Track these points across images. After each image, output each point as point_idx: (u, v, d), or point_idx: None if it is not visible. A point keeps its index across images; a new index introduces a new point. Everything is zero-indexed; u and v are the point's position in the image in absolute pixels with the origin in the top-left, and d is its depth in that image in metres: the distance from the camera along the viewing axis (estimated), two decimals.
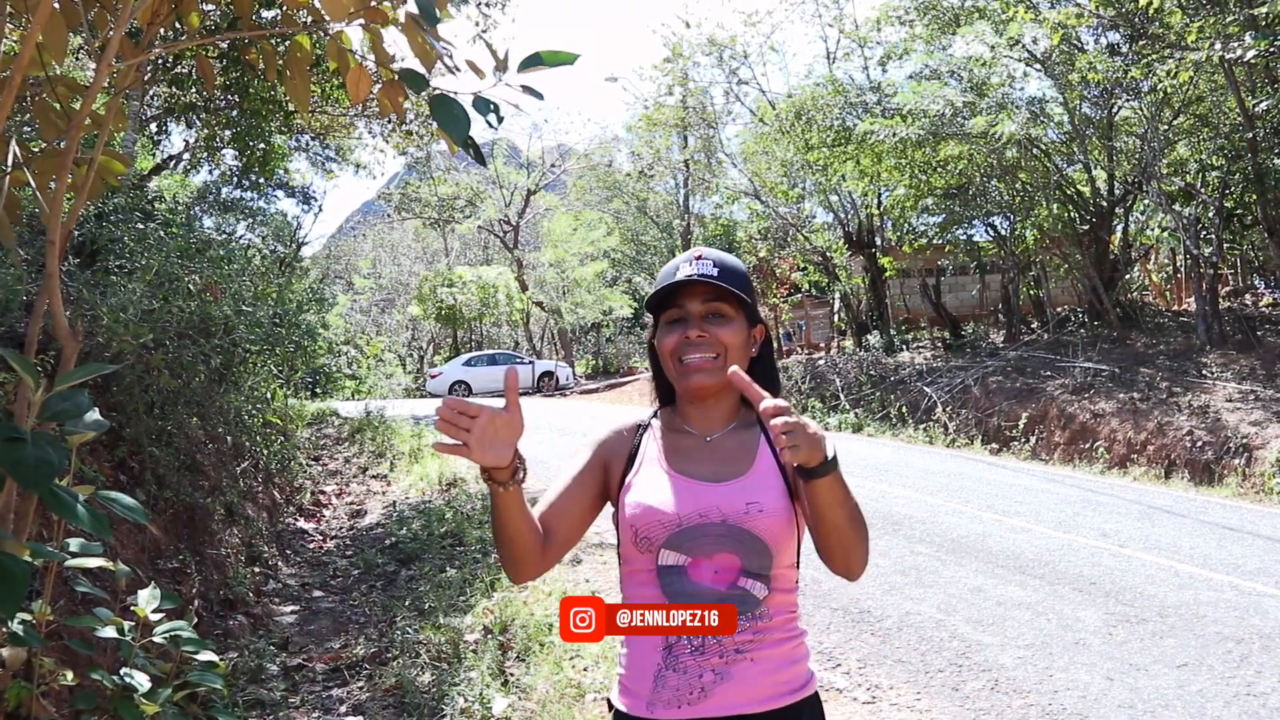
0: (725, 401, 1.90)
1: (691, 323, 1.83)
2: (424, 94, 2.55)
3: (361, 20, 2.65)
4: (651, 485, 1.81)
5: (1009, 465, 12.60)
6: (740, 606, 1.72)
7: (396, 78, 2.73)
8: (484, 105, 2.53)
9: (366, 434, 13.17)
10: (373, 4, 2.54)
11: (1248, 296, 18.94)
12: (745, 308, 1.85)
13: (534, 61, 2.45)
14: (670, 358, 1.84)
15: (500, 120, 2.55)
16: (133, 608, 2.83)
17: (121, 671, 2.71)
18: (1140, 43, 14.00)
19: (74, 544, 2.61)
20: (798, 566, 1.85)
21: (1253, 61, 11.42)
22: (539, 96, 2.59)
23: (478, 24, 14.28)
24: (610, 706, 1.84)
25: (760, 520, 1.74)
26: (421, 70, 2.62)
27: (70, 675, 2.74)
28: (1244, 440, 10.86)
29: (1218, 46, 11.04)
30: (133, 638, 2.77)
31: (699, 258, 1.86)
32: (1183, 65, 11.73)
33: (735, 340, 1.83)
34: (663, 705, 1.72)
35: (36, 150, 2.79)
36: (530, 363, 31.10)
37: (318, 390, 18.60)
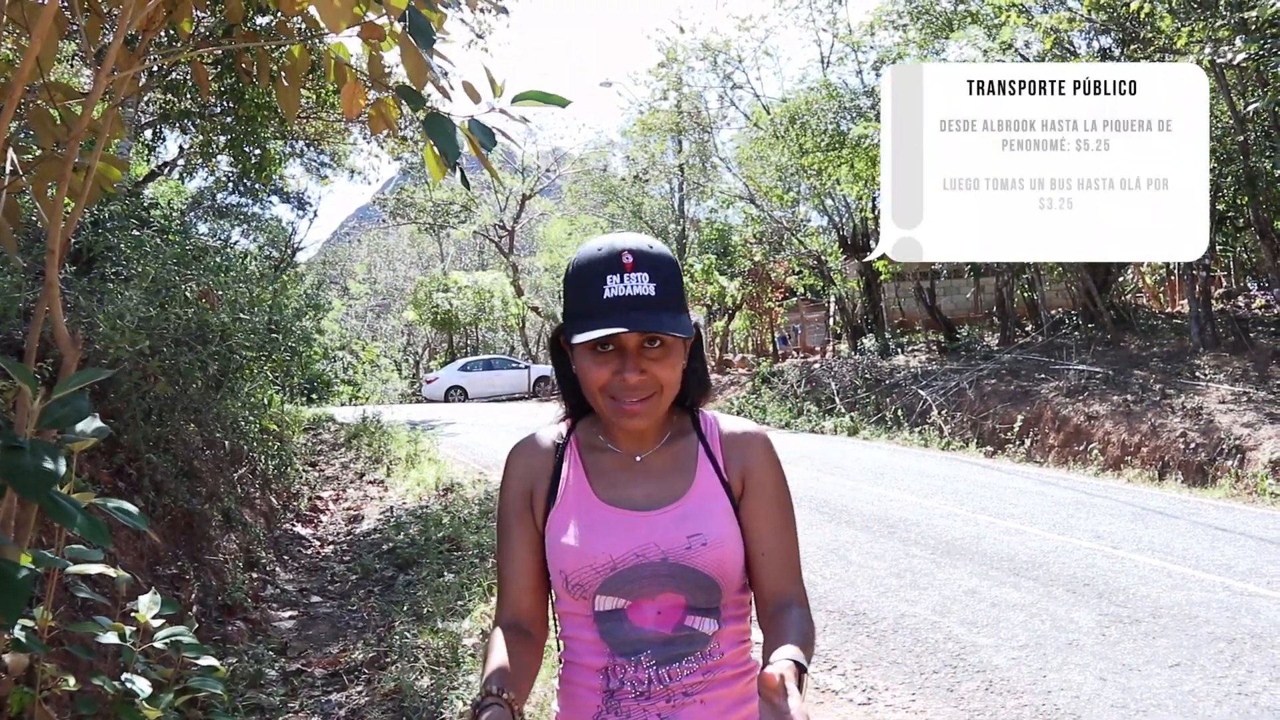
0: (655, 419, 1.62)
1: (628, 361, 1.52)
2: (419, 111, 2.57)
3: (358, 34, 2.69)
4: (579, 522, 1.57)
5: (1004, 468, 12.64)
6: (686, 648, 1.54)
7: (391, 94, 2.76)
8: (484, 132, 2.56)
9: (363, 439, 13.19)
10: (369, 18, 2.57)
11: (1240, 299, 19.01)
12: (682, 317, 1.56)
13: (527, 97, 2.50)
14: (599, 393, 1.55)
15: (494, 144, 2.59)
16: (133, 614, 2.85)
17: (123, 677, 2.73)
18: (1132, 46, 14.07)
19: (74, 551, 2.63)
20: (750, 587, 1.64)
21: (1243, 65, 11.48)
22: (526, 122, 2.63)
23: (473, 29, 14.31)
24: None
25: (704, 555, 1.53)
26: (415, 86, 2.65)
27: (72, 681, 2.76)
28: (1237, 442, 10.91)
29: (1208, 50, 11.10)
30: (133, 643, 2.79)
31: (630, 267, 1.52)
32: None
33: (675, 375, 1.56)
34: None
35: (30, 157, 2.81)
36: (526, 367, 31.12)
37: (314, 396, 18.63)
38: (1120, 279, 19.29)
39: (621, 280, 1.50)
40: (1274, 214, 14.28)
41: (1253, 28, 11.08)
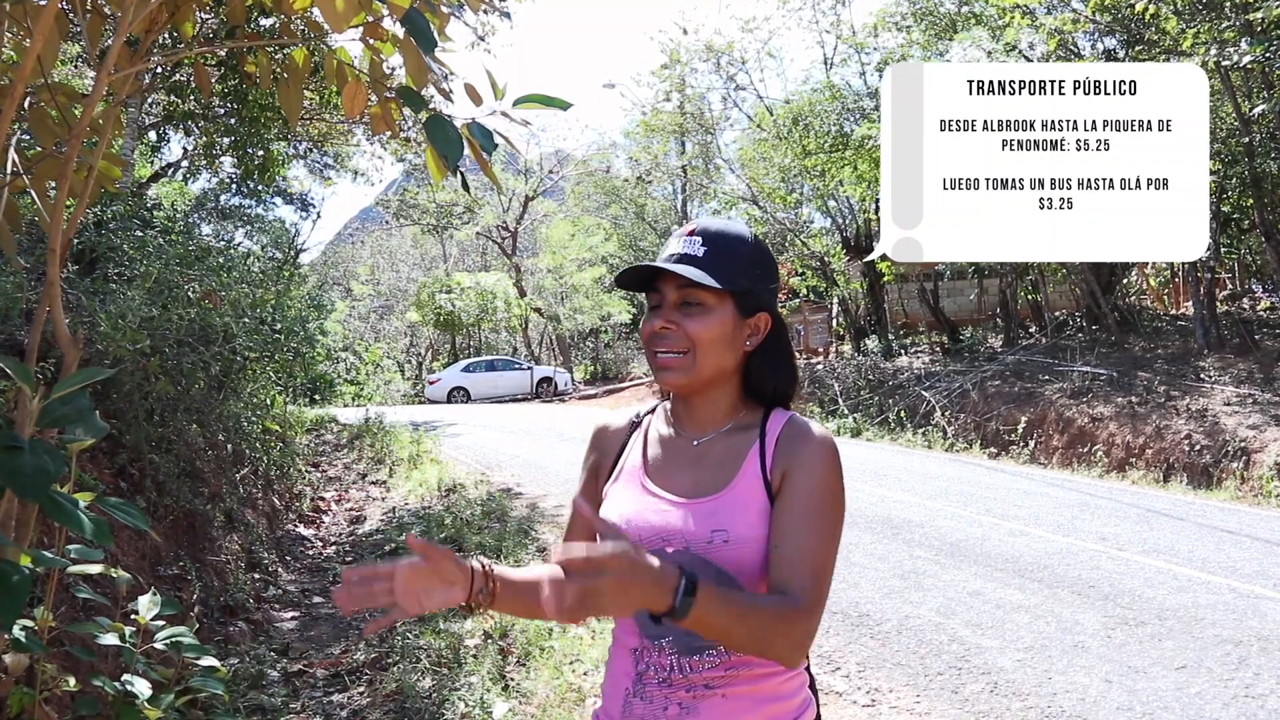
0: (715, 403, 1.67)
1: (664, 309, 1.61)
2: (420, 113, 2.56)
3: (359, 35, 2.68)
4: (622, 500, 1.66)
5: (1007, 469, 12.61)
6: (708, 642, 1.52)
7: (392, 96, 2.75)
8: (484, 134, 2.56)
9: (366, 440, 13.18)
10: (371, 19, 2.56)
11: (1245, 300, 18.97)
12: (735, 295, 1.60)
13: (529, 100, 2.50)
14: (647, 345, 1.64)
15: (494, 148, 2.58)
16: (134, 614, 2.84)
17: (123, 678, 2.72)
18: (1136, 48, 14.05)
19: (75, 551, 2.62)
20: None
21: (1249, 67, 11.46)
22: (528, 125, 2.62)
23: (475, 31, 14.33)
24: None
25: (725, 551, 1.52)
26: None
27: (72, 681, 2.75)
28: (1242, 444, 10.88)
29: (1214, 52, 11.07)
30: (134, 644, 2.78)
31: (691, 233, 1.63)
32: None
33: (709, 335, 1.58)
34: None
35: (32, 154, 2.80)
36: (528, 368, 31.12)
37: (317, 397, 18.61)
38: (1124, 280, 19.26)
39: (678, 242, 1.63)
40: (1279, 216, 14.24)
41: (1258, 30, 11.06)
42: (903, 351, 20.59)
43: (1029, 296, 20.27)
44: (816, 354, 24.24)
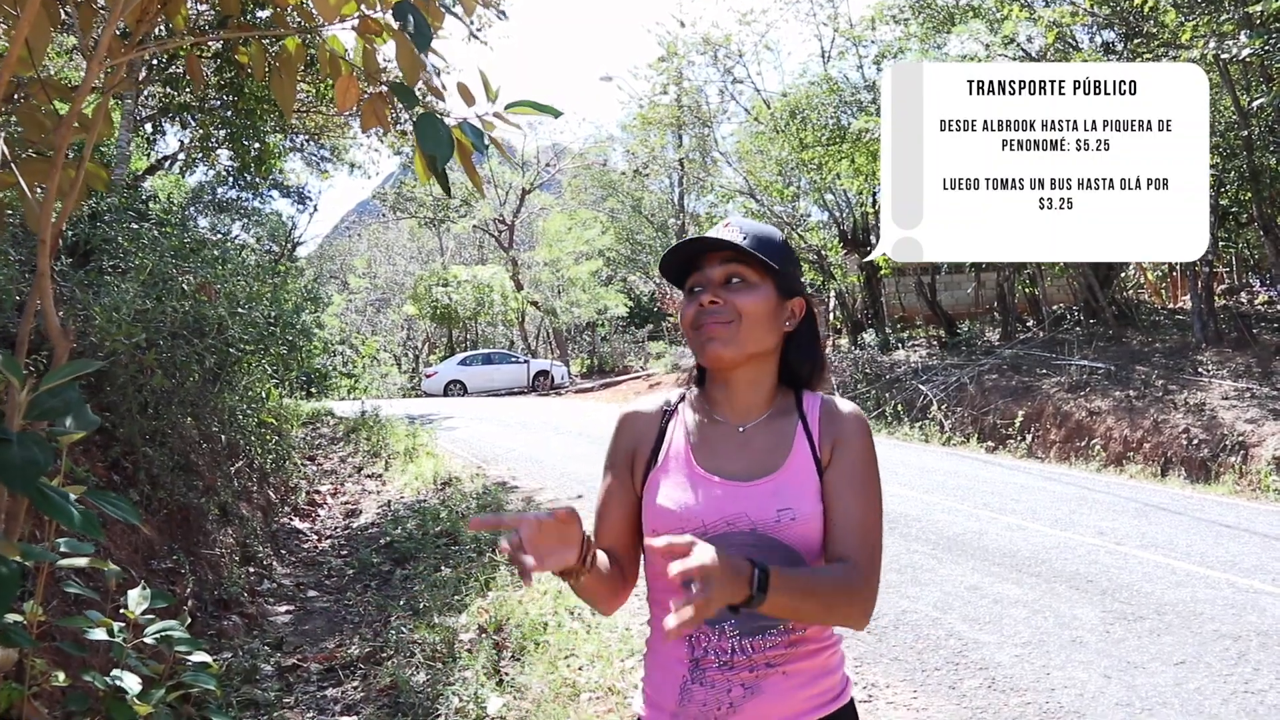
0: (757, 386, 1.72)
1: (709, 288, 1.67)
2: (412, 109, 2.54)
3: (353, 27, 2.64)
4: (676, 486, 1.67)
5: (1005, 463, 12.60)
6: (771, 621, 1.60)
7: (385, 90, 2.72)
8: (473, 132, 2.53)
9: (362, 434, 13.16)
10: (364, 11, 2.53)
11: (1243, 294, 18.96)
12: (774, 275, 1.68)
13: (520, 105, 2.49)
14: (689, 328, 1.69)
15: (485, 149, 2.56)
16: (122, 609, 2.81)
17: (113, 673, 2.69)
18: (1135, 41, 14.01)
19: (65, 544, 2.59)
20: None
21: (1248, 60, 11.43)
22: (518, 128, 2.60)
23: (468, 27, 14.24)
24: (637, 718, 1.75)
25: (792, 529, 1.60)
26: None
27: (62, 677, 2.72)
28: (1240, 438, 10.87)
29: (1212, 45, 11.04)
30: (124, 639, 2.75)
31: (728, 225, 1.71)
32: (1178, 64, 11.73)
33: (755, 309, 1.65)
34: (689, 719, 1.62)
35: (17, 139, 2.77)
36: (525, 362, 31.09)
37: (313, 390, 18.59)
38: (1122, 274, 19.24)
39: (716, 230, 1.70)
40: (1277, 210, 14.23)
41: (1258, 23, 11.03)
42: (900, 345, 20.57)
43: (1026, 290, 20.25)
44: None
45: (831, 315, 25.50)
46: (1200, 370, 13.47)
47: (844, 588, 1.55)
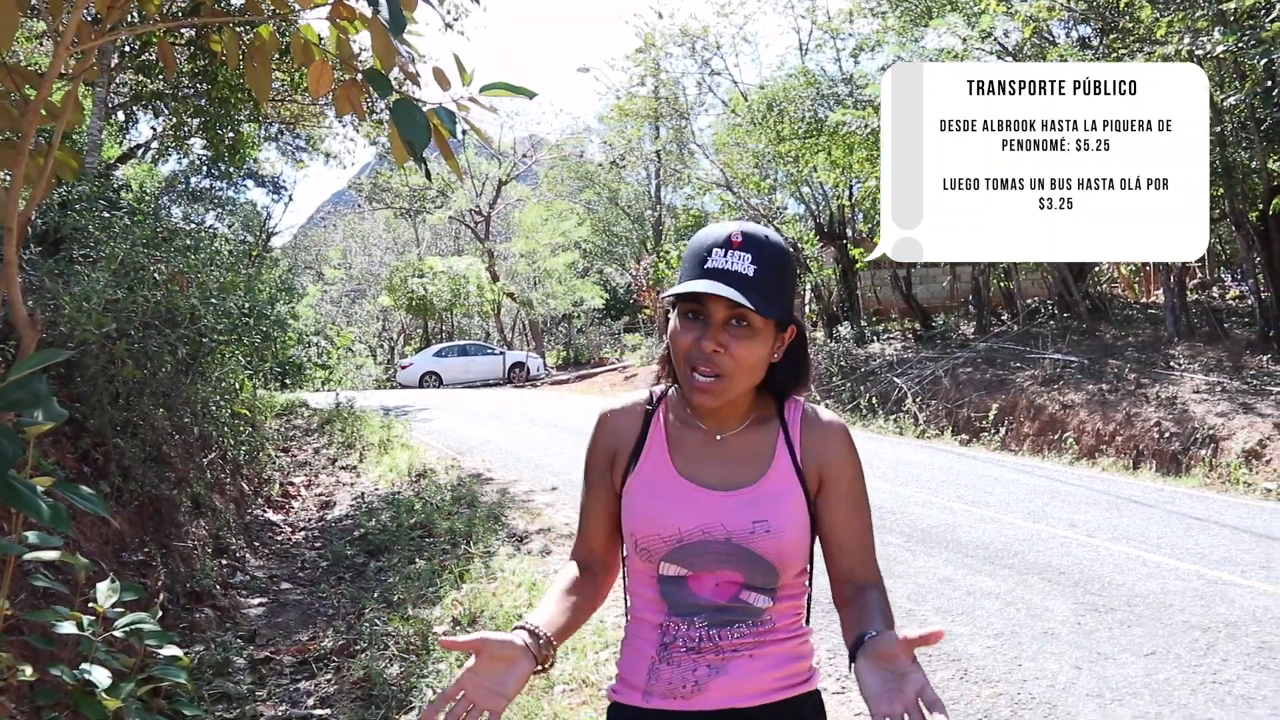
0: (737, 401, 1.68)
1: (711, 330, 1.57)
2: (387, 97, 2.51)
3: (326, 14, 2.61)
4: (654, 492, 1.67)
5: (979, 456, 12.69)
6: (740, 617, 1.65)
7: (360, 78, 2.69)
8: (448, 116, 2.51)
9: (336, 425, 13.08)
10: None
11: (1215, 289, 19.17)
12: (779, 309, 1.60)
13: (495, 87, 2.47)
14: (682, 360, 1.61)
15: (463, 133, 2.54)
16: (91, 603, 2.78)
17: (81, 667, 2.66)
18: (1111, 36, 14.09)
19: (33, 536, 2.56)
20: (810, 570, 1.74)
21: (1221, 57, 11.53)
22: (495, 112, 2.58)
23: (443, 17, 14.14)
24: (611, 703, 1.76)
25: (766, 541, 1.61)
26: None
27: (30, 671, 2.68)
28: (1210, 431, 10.99)
29: (1187, 41, 11.13)
30: (93, 632, 2.72)
31: (737, 245, 1.58)
32: (1153, 60, 11.82)
33: (752, 359, 1.60)
34: (658, 696, 1.65)
35: None
36: (501, 353, 31.01)
37: (287, 381, 18.47)
38: (1096, 269, 19.39)
39: (725, 255, 1.57)
40: (1249, 206, 14.39)
41: (1231, 19, 11.12)
42: (875, 338, 20.64)
43: (1001, 284, 20.39)
44: None
45: (807, 308, 25.57)
46: (1172, 364, 13.61)
47: (891, 613, 1.64)
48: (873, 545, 1.72)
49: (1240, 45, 10.54)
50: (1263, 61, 10.41)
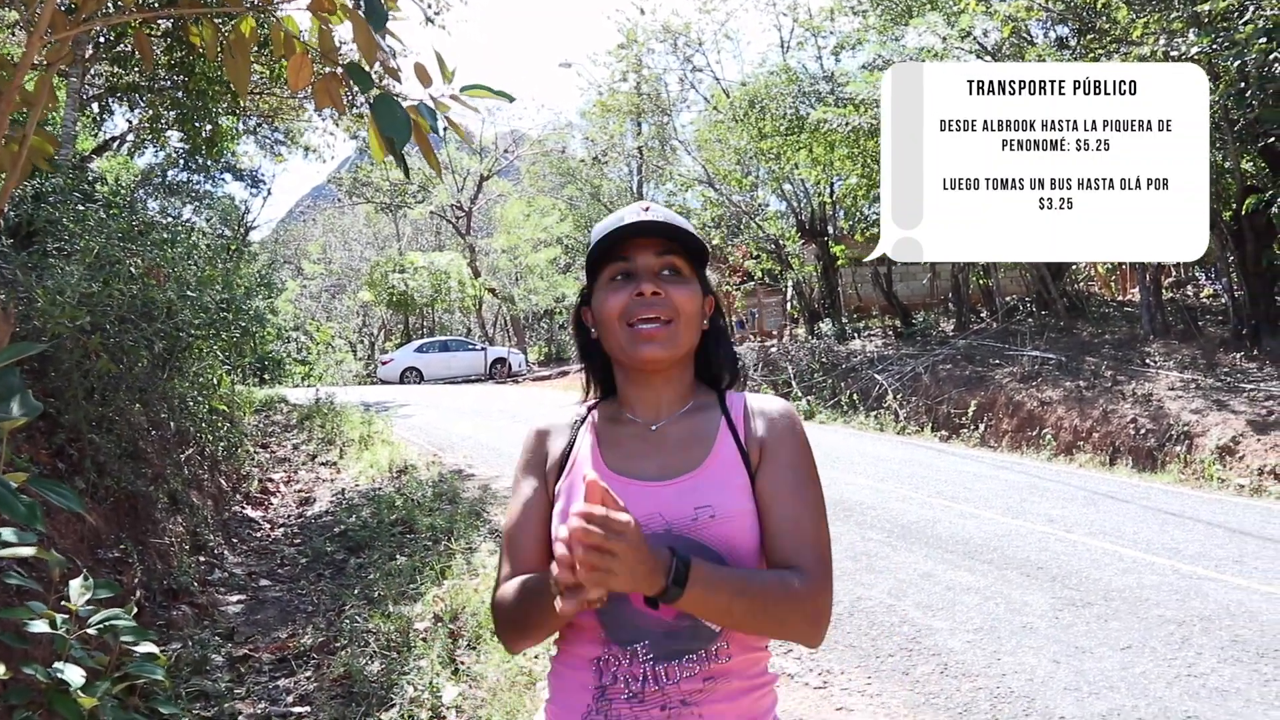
0: (676, 383, 1.60)
1: (643, 278, 1.53)
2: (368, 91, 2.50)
3: (307, 5, 2.59)
4: (580, 493, 1.44)
5: (958, 452, 12.75)
6: (689, 644, 1.44)
7: (340, 71, 2.67)
8: (429, 113, 2.50)
9: (316, 421, 13.01)
10: None
11: (1189, 288, 19.32)
12: (699, 270, 1.60)
13: (475, 87, 2.47)
14: (618, 321, 1.52)
15: (445, 129, 2.53)
16: (64, 600, 2.75)
17: (54, 665, 2.63)
18: (1088, 37, 14.18)
19: (7, 533, 2.53)
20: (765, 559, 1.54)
21: (1195, 58, 11.61)
22: (476, 111, 2.57)
23: (425, 11, 14.07)
24: None
25: (712, 527, 1.44)
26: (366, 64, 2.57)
27: (2, 669, 2.65)
28: (1185, 428, 11.08)
29: (1162, 42, 11.21)
30: (67, 630, 2.69)
31: (647, 209, 1.57)
32: (1128, 60, 11.90)
33: (691, 306, 1.54)
34: None
35: None
36: (483, 349, 30.93)
37: (266, 377, 18.34)
38: (1073, 267, 19.51)
39: (638, 215, 1.56)
40: (1223, 205, 14.50)
41: (1205, 21, 11.20)
42: (856, 335, 20.72)
43: (980, 282, 20.49)
44: (771, 336, 24.33)
45: (789, 305, 25.63)
46: (1148, 361, 13.72)
47: (786, 591, 1.40)
48: (818, 539, 1.50)
49: (1214, 47, 10.61)
50: (1235, 63, 10.48)
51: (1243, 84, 11.15)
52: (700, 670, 1.45)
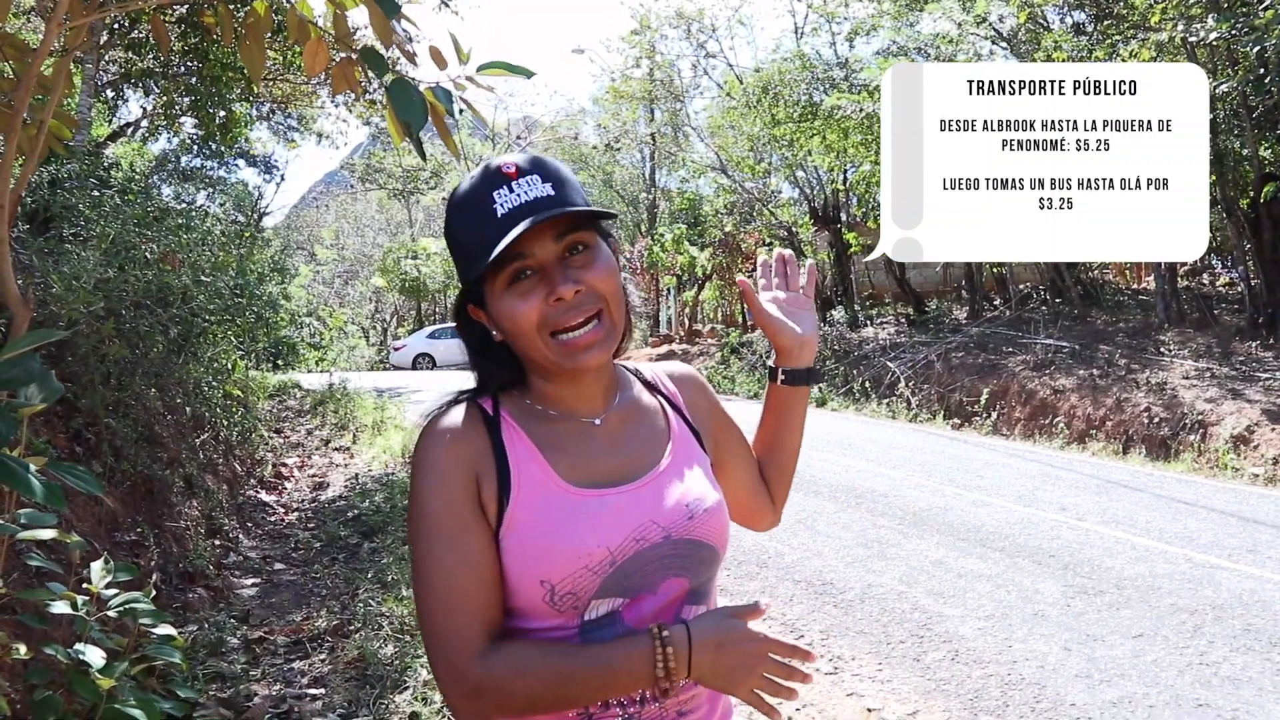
0: (607, 367, 1.37)
1: (554, 276, 1.25)
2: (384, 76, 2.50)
3: None
4: (552, 517, 1.24)
5: (970, 440, 12.73)
6: None
7: (355, 56, 2.68)
8: (445, 96, 2.50)
9: (329, 406, 13.07)
10: None
11: (1205, 276, 19.20)
12: (598, 225, 1.33)
13: (492, 66, 2.46)
14: (538, 335, 1.25)
15: (460, 112, 2.53)
16: (85, 582, 2.78)
17: (75, 646, 2.66)
18: (1105, 22, 14.08)
19: (26, 516, 2.55)
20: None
21: (1214, 43, 11.52)
22: (492, 91, 2.57)
23: None
24: None
25: (706, 522, 1.32)
26: (382, 48, 2.57)
27: (24, 650, 2.69)
28: (1199, 417, 11.04)
29: (1180, 28, 11.13)
30: (87, 611, 2.72)
31: (514, 175, 1.26)
32: (1146, 46, 11.82)
33: (614, 280, 1.30)
34: None
35: None
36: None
37: (279, 362, 18.42)
38: None
39: (510, 190, 1.25)
40: (1240, 193, 14.41)
41: (1224, 6, 11.11)
42: (868, 322, 20.68)
43: (994, 270, 20.41)
44: None
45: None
46: (1162, 350, 13.66)
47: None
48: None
49: (1233, 32, 10.53)
50: (1255, 49, 10.40)
51: (1262, 70, 11.06)
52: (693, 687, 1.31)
